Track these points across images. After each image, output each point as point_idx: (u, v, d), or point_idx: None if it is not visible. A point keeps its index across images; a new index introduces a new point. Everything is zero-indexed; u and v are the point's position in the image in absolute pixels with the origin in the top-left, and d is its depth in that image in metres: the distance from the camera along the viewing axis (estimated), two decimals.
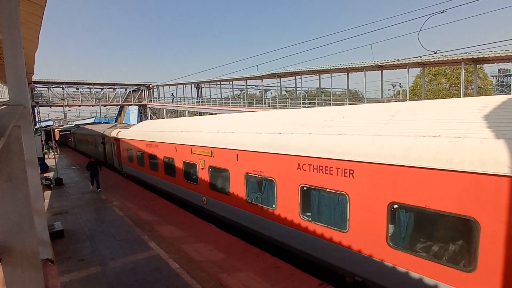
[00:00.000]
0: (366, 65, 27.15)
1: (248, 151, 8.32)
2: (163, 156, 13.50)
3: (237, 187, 8.89)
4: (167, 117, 54.56)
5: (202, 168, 10.59)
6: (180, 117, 58.74)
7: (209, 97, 50.94)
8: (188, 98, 52.76)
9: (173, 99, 55.71)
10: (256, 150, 8.02)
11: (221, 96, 50.16)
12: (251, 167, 8.28)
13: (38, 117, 43.99)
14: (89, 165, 16.27)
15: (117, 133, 20.41)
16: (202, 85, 52.84)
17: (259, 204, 8.18)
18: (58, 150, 39.89)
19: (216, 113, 45.94)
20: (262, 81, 39.74)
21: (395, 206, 5.11)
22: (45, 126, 52.34)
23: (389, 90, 46.84)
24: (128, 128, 21.25)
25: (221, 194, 9.80)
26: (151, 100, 56.52)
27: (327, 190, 6.23)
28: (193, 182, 11.43)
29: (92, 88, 51.08)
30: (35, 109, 42.13)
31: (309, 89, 58.68)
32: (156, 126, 16.26)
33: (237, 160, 8.75)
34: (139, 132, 16.91)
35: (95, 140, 28.48)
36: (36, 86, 45.12)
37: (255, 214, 8.36)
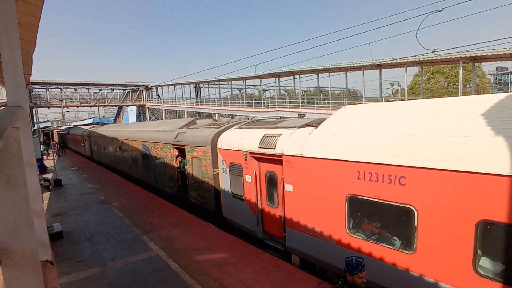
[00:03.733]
0: (364, 64, 27.13)
1: None
2: None
3: None
4: (165, 118, 54.36)
5: None
6: (179, 117, 57.91)
7: (207, 97, 50.87)
8: (186, 98, 52.68)
9: (159, 99, 56.01)
10: None
11: (219, 96, 50.11)
12: None
13: (36, 118, 43.81)
14: None
15: (290, 143, 6.86)
16: (201, 85, 52.76)
17: None
18: (60, 153, 38.43)
19: (215, 113, 45.83)
20: (260, 80, 39.69)
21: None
22: (44, 127, 52.11)
23: (387, 89, 46.88)
24: (325, 123, 6.62)
25: None
26: (149, 100, 56.43)
27: None
28: None
29: (90, 89, 50.90)
30: (33, 110, 41.96)
31: (308, 89, 58.67)
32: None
33: None
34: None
35: (147, 151, 15.30)
36: (34, 87, 44.97)
37: None
